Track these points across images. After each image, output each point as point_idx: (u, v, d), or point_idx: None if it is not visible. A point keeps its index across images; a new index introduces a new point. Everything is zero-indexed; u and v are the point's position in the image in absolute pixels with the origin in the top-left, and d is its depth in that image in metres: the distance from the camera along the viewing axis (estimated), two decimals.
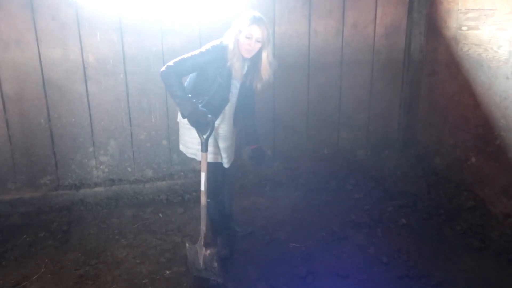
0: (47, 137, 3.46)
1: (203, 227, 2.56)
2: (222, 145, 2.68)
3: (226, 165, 2.74)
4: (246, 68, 2.58)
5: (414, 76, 4.07)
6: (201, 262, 2.53)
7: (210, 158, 2.62)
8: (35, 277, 2.61)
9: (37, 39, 3.25)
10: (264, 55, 2.51)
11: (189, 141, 2.70)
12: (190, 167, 3.78)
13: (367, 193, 3.65)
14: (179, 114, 2.72)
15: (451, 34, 3.56)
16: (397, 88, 4.13)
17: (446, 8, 3.61)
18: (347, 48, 3.90)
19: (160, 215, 3.37)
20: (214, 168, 2.69)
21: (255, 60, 2.56)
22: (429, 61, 3.90)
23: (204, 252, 2.52)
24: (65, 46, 3.31)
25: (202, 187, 2.53)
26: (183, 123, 2.67)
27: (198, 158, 2.64)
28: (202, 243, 2.54)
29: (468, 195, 3.38)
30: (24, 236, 3.07)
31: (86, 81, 3.42)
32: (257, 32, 2.43)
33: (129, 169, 3.69)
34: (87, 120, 3.50)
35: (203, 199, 2.54)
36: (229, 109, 2.64)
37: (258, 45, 2.47)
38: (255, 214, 3.35)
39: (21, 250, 2.91)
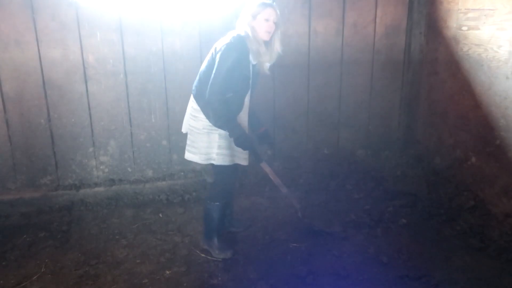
0: (47, 137, 3.46)
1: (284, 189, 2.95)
2: None
3: (245, 162, 2.70)
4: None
5: (414, 76, 4.07)
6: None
7: (228, 160, 2.61)
8: (35, 277, 2.61)
9: (37, 39, 3.25)
10: (277, 35, 2.60)
11: (207, 146, 2.62)
12: (190, 167, 3.77)
13: (367, 193, 3.64)
14: (183, 125, 2.73)
15: (451, 34, 3.56)
16: (397, 88, 4.13)
17: (446, 8, 3.61)
18: (347, 48, 3.90)
19: (160, 215, 3.37)
20: (231, 170, 2.68)
21: (267, 43, 2.61)
22: (429, 61, 3.90)
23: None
24: (65, 46, 3.31)
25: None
26: (198, 129, 2.61)
27: (216, 162, 2.61)
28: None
29: (468, 195, 3.37)
30: (24, 236, 3.07)
31: (86, 81, 3.42)
32: (273, 14, 2.52)
33: (129, 169, 3.69)
34: (87, 120, 3.50)
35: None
36: (247, 102, 2.65)
37: (274, 27, 2.55)
38: (255, 214, 3.35)
39: (21, 250, 2.91)
